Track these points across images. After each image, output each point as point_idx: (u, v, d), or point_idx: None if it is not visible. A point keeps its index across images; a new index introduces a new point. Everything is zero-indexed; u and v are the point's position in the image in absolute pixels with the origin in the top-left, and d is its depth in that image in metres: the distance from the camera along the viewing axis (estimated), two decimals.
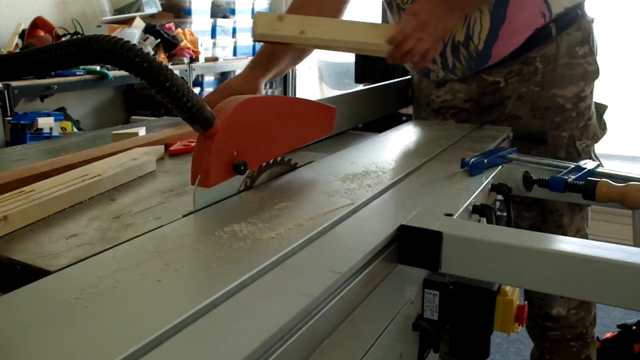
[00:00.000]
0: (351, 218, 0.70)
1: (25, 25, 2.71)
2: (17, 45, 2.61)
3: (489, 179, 0.89)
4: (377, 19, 2.91)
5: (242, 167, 0.76)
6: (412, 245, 0.65)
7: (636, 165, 3.02)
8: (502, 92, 1.31)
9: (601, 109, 1.35)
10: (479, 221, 0.82)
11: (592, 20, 1.29)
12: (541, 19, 1.23)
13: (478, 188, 0.84)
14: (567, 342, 1.40)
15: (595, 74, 1.28)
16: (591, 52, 1.27)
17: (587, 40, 1.26)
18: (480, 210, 0.80)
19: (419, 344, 0.76)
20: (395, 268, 0.65)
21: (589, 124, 1.30)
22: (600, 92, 1.34)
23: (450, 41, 1.27)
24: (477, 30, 1.24)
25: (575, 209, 1.33)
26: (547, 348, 1.44)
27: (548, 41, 1.25)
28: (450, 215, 0.70)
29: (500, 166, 0.96)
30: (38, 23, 2.70)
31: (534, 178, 0.95)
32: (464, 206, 0.75)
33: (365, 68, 2.84)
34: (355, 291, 0.55)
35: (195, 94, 0.65)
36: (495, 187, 0.91)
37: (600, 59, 1.29)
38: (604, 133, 1.36)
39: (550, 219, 1.33)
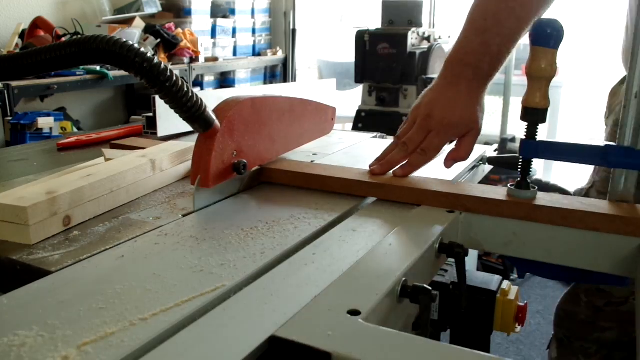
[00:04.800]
0: (354, 216, 0.70)
1: (25, 25, 2.71)
2: (17, 45, 2.61)
3: (435, 236, 0.63)
4: (376, 17, 2.91)
5: (242, 167, 0.76)
6: None
7: None
8: None
9: None
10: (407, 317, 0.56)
11: None
12: None
13: (415, 254, 0.57)
14: None
15: None
16: None
17: None
18: (411, 294, 0.51)
19: None
20: None
21: None
22: (599, 92, 1.30)
23: None
24: None
25: None
26: None
27: None
28: (357, 313, 0.45)
29: (457, 213, 0.72)
30: (38, 23, 2.70)
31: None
32: (384, 291, 0.49)
33: (365, 68, 2.84)
34: None
35: (196, 94, 0.64)
36: (445, 248, 0.65)
37: (600, 60, 1.25)
38: None
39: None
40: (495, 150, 1.07)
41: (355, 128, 2.88)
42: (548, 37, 0.68)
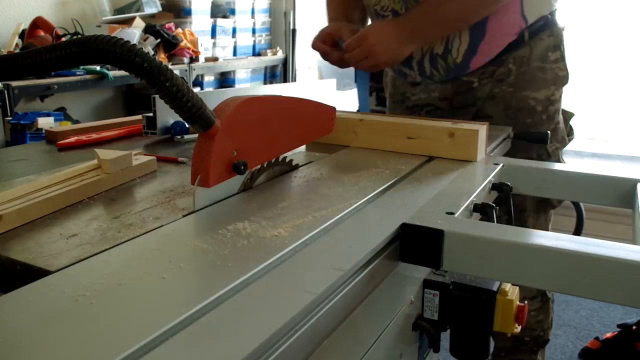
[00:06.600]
0: (353, 216, 0.70)
1: (25, 25, 2.70)
2: (17, 45, 2.61)
3: (489, 177, 0.89)
4: None
5: (242, 167, 0.76)
6: (413, 243, 0.65)
7: (636, 165, 3.02)
8: (475, 93, 1.33)
9: (568, 116, 1.38)
10: (479, 220, 0.82)
11: (563, 29, 1.31)
12: (516, 32, 1.26)
13: (479, 186, 0.84)
14: (524, 343, 1.46)
15: (565, 79, 1.31)
16: (562, 58, 1.30)
17: (558, 46, 1.29)
18: (481, 209, 0.80)
19: (419, 344, 0.76)
20: (397, 266, 0.66)
21: (558, 127, 1.33)
22: (600, 92, 1.35)
23: (429, 53, 1.30)
24: (456, 45, 1.27)
25: (541, 210, 1.35)
26: (505, 347, 1.49)
27: (521, 45, 1.28)
28: (452, 213, 0.70)
29: (501, 165, 0.97)
30: (38, 23, 2.69)
31: None
32: (465, 205, 0.75)
33: None
34: (358, 289, 0.55)
35: (196, 94, 0.65)
36: (496, 186, 0.91)
37: (600, 60, 1.31)
38: (572, 139, 1.39)
39: (517, 218, 1.33)
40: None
41: None
42: None
